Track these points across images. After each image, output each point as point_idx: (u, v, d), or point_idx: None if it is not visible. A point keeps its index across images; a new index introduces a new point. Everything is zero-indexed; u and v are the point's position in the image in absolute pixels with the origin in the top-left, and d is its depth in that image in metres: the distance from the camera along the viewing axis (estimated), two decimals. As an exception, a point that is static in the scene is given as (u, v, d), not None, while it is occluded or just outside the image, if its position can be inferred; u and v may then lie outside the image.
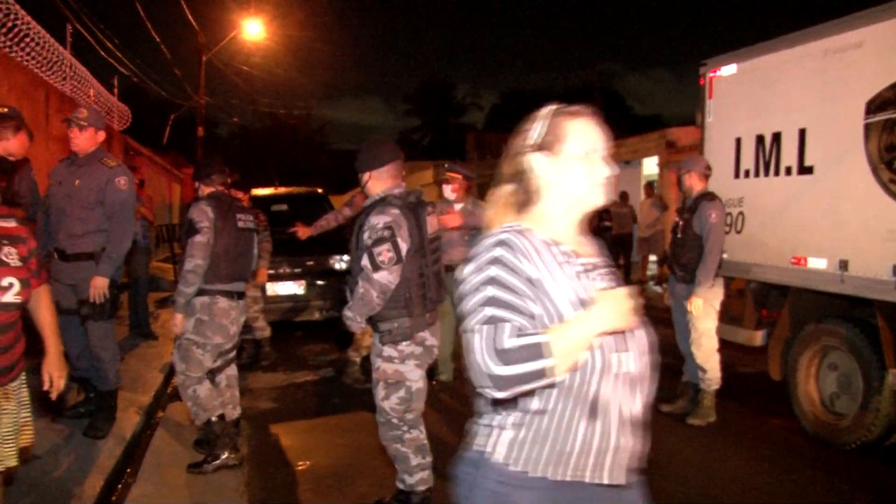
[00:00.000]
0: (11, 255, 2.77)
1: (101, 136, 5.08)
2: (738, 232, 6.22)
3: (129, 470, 4.76)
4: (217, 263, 4.66)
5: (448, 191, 6.79)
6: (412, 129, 61.80)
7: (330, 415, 6.10)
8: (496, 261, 1.72)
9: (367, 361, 4.90)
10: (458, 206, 6.73)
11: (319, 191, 11.29)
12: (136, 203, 5.35)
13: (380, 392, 3.92)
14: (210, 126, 36.01)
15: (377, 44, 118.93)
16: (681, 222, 5.79)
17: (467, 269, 1.77)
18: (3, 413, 2.81)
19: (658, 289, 14.16)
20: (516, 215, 1.92)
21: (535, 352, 1.57)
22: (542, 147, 1.91)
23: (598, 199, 1.94)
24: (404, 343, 3.82)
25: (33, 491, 3.96)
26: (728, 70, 6.51)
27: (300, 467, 4.92)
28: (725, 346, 6.00)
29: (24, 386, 2.95)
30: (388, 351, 3.83)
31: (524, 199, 1.93)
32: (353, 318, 3.78)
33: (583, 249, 1.94)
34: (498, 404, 1.79)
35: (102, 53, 15.10)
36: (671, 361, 6.68)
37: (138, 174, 7.67)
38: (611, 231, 15.19)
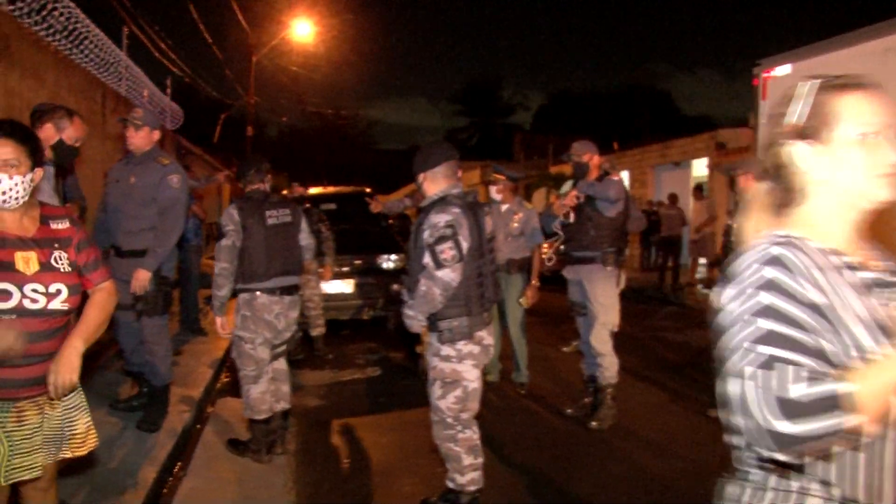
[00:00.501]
0: (62, 260, 2.71)
1: (156, 135, 5.20)
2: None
3: (179, 463, 4.83)
4: (250, 263, 4.78)
5: (493, 192, 6.80)
6: (459, 130, 61.92)
7: (376, 413, 6.13)
8: (770, 285, 1.40)
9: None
10: (504, 208, 6.74)
11: (367, 190, 11.34)
12: (189, 201, 5.45)
13: (436, 391, 3.93)
14: (259, 126, 36.42)
15: (422, 44, 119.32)
16: (734, 225, 5.67)
17: (726, 295, 1.48)
18: (46, 419, 2.74)
19: (708, 292, 13.96)
20: (775, 220, 1.60)
21: (832, 403, 1.25)
22: (804, 134, 1.55)
23: (883, 193, 1.51)
24: (462, 342, 3.83)
25: (88, 482, 4.05)
26: (782, 70, 6.40)
27: (346, 464, 4.96)
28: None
29: (78, 391, 2.86)
30: (447, 350, 3.84)
31: (784, 200, 1.60)
32: (415, 316, 3.81)
33: (869, 259, 1.58)
34: (772, 463, 1.50)
35: (157, 54, 15.38)
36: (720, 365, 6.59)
37: (191, 173, 7.79)
38: (659, 233, 15.06)
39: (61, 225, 2.78)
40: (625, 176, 21.47)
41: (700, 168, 18.53)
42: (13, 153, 2.59)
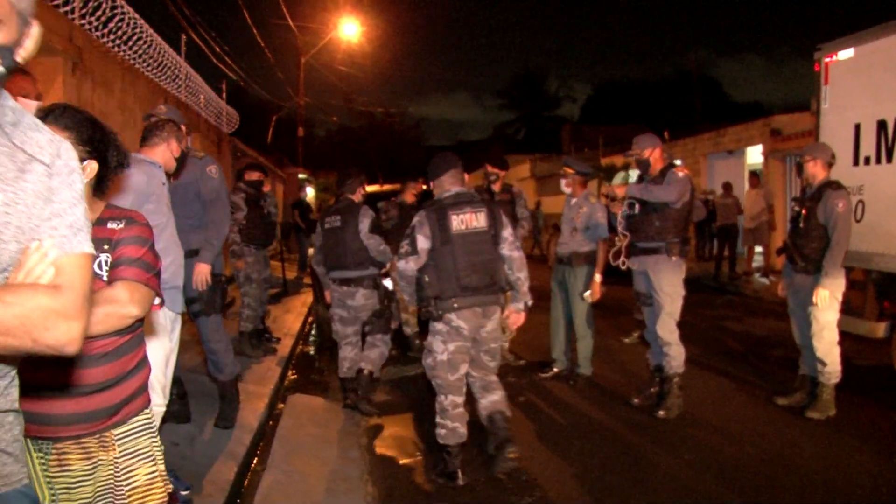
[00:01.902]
0: (106, 266, 2.29)
1: (183, 130, 5.01)
2: (858, 221, 6.04)
3: (256, 459, 4.98)
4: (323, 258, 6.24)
5: (563, 185, 6.84)
6: (506, 124, 61.84)
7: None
8: None
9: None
10: (572, 201, 6.78)
11: (423, 187, 11.42)
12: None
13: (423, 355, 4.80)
14: (310, 126, 36.85)
15: (468, 39, 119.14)
16: (802, 211, 5.61)
17: None
18: (99, 466, 2.28)
19: (765, 280, 13.81)
20: None
21: None
22: None
23: None
24: (435, 322, 4.57)
25: (170, 476, 4.19)
26: (845, 54, 6.33)
27: (416, 458, 5.04)
28: (844, 338, 5.81)
29: (146, 432, 2.42)
30: (431, 325, 4.64)
31: None
32: (401, 296, 5.27)
33: None
34: None
35: (214, 60, 15.70)
36: (785, 353, 6.56)
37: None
38: (715, 222, 14.90)
39: (118, 225, 2.34)
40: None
41: (755, 155, 18.25)
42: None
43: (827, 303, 5.40)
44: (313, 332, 9.86)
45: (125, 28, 7.76)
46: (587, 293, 6.61)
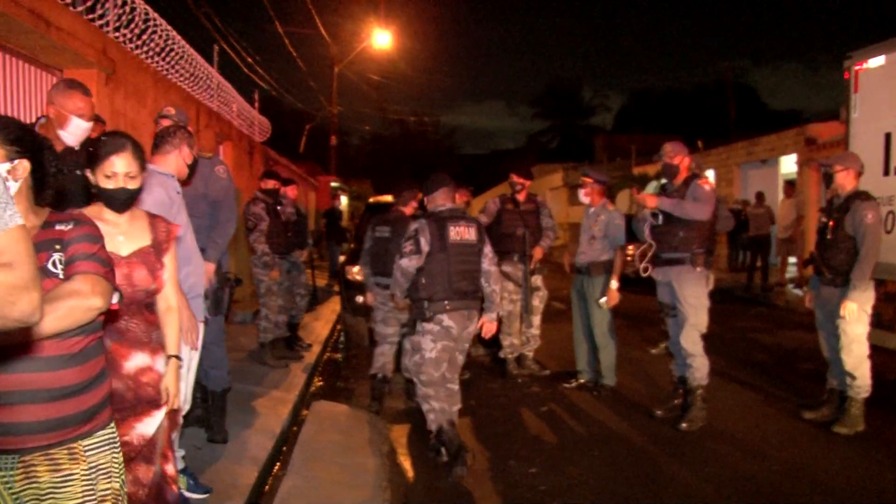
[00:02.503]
0: (61, 265, 2.19)
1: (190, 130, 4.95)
2: (888, 232, 5.97)
3: (278, 464, 5.03)
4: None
5: (581, 194, 6.84)
6: (540, 133, 61.75)
7: (465, 416, 6.21)
8: None
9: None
10: (590, 210, 6.79)
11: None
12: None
13: (406, 354, 5.38)
14: (342, 134, 37.11)
15: (501, 48, 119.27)
16: (830, 222, 5.54)
17: None
18: (70, 480, 2.16)
19: (798, 292, 13.63)
20: None
21: None
22: None
23: None
24: (426, 322, 4.98)
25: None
26: (876, 62, 6.26)
27: (437, 467, 5.05)
28: (875, 352, 5.71)
29: (109, 447, 2.31)
30: (419, 326, 5.08)
31: None
32: (393, 292, 5.31)
33: None
34: None
35: (245, 70, 15.90)
36: (815, 367, 6.48)
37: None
38: (747, 232, 14.75)
39: (67, 227, 2.26)
40: (710, 175, 21.08)
41: (788, 165, 18.03)
42: None
43: (855, 316, 5.33)
44: (341, 339, 9.92)
45: (158, 40, 7.91)
46: (603, 300, 6.59)
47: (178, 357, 3.03)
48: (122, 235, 2.91)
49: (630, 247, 6.28)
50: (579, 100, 60.20)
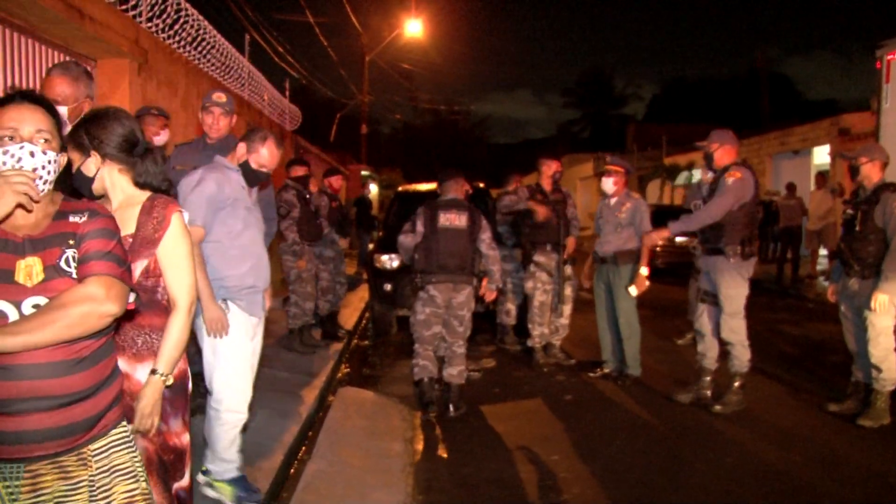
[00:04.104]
0: (75, 262, 2.04)
1: (234, 119, 4.91)
2: (918, 224, 5.87)
3: (304, 448, 5.12)
4: None
5: (609, 184, 6.84)
6: (571, 122, 61.42)
7: (490, 403, 6.28)
8: None
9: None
10: (612, 201, 6.81)
11: (481, 185, 11.43)
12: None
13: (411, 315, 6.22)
14: (373, 123, 37.24)
15: (533, 37, 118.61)
16: (858, 214, 5.51)
17: None
18: (80, 487, 2.05)
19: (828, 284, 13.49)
20: None
21: None
22: None
23: None
24: (419, 290, 5.98)
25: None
26: (908, 52, 6.17)
27: (462, 453, 5.12)
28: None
29: (125, 447, 2.19)
30: (418, 294, 6.02)
31: None
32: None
33: None
34: None
35: (276, 59, 16.02)
36: (842, 359, 6.44)
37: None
38: (778, 224, 14.61)
39: (81, 218, 2.10)
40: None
41: (821, 156, 17.81)
42: (46, 123, 2.05)
43: (886, 308, 5.30)
44: (369, 327, 10.01)
45: (189, 29, 8.01)
46: (632, 287, 6.59)
47: (161, 374, 2.57)
48: None
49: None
50: (611, 89, 59.82)
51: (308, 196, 7.80)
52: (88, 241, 2.06)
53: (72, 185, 2.61)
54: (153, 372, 2.57)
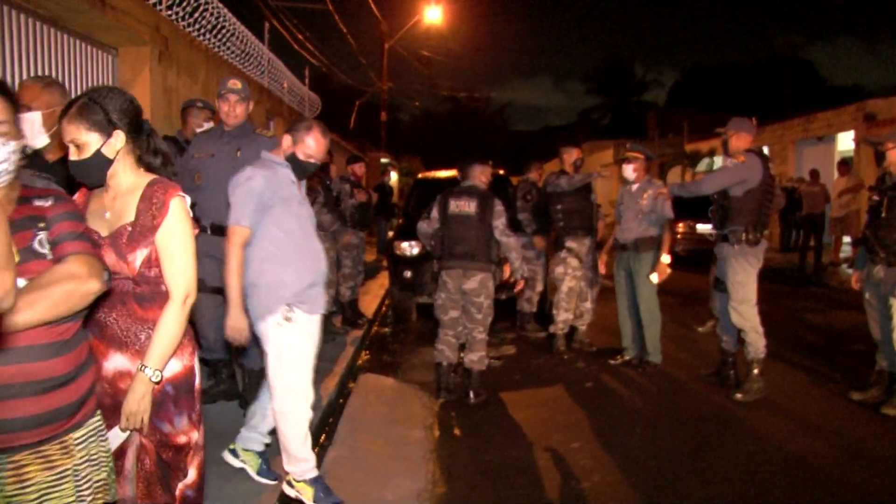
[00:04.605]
0: (47, 245, 2.03)
1: (251, 106, 4.94)
2: (944, 210, 5.79)
3: (324, 435, 5.14)
4: None
5: (629, 171, 6.80)
6: (592, 109, 61.08)
7: (511, 390, 6.28)
8: None
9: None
10: (634, 187, 6.78)
11: (501, 172, 11.39)
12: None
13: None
14: (393, 111, 37.22)
15: (551, 24, 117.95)
16: (885, 200, 5.43)
17: None
18: (65, 477, 2.03)
19: (851, 272, 13.36)
20: None
21: None
22: None
23: None
24: (438, 276, 6.08)
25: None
26: (937, 35, 6.05)
27: (481, 440, 5.13)
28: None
29: (99, 436, 2.19)
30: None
31: None
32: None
33: None
34: None
35: (296, 47, 16.03)
36: (866, 348, 6.38)
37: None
38: (800, 211, 14.47)
39: (47, 202, 2.09)
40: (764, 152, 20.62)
41: (846, 142, 17.59)
42: (3, 112, 1.92)
43: None
44: (389, 314, 10.03)
45: (209, 17, 8.03)
46: (653, 275, 6.57)
47: (149, 370, 2.43)
48: (110, 212, 2.53)
49: (680, 223, 6.36)
50: (632, 76, 59.31)
51: (328, 183, 7.82)
52: (59, 224, 2.05)
53: (67, 174, 2.52)
54: (141, 368, 2.43)
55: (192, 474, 2.70)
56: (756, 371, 5.84)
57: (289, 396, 3.65)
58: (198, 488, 2.75)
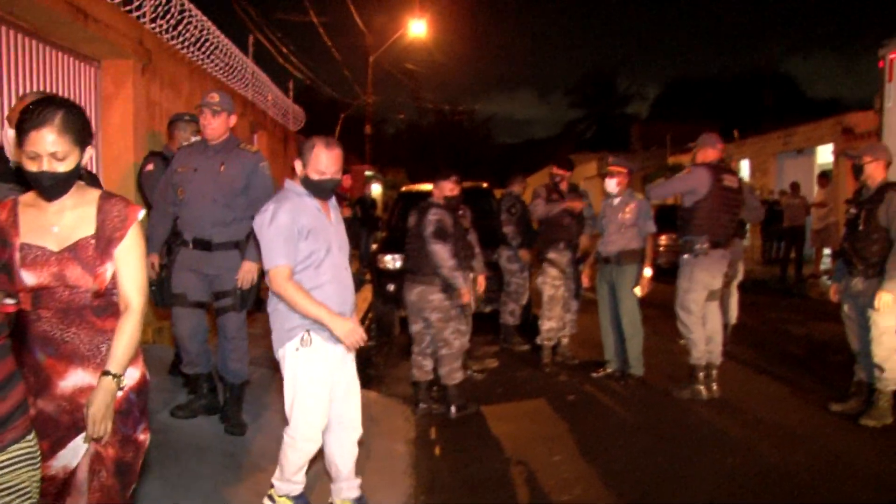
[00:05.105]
0: None
1: (233, 120, 4.85)
2: (921, 224, 5.87)
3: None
4: None
5: (612, 184, 6.85)
6: (576, 121, 61.36)
7: (493, 403, 6.28)
8: None
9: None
10: (616, 201, 6.83)
11: (484, 185, 11.42)
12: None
13: None
14: (378, 123, 37.25)
15: (534, 37, 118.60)
16: (862, 213, 5.50)
17: None
18: None
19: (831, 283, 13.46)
20: None
21: None
22: None
23: None
24: None
25: (228, 460, 4.39)
26: (911, 51, 6.17)
27: (463, 453, 5.13)
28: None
29: (28, 464, 2.06)
30: None
31: None
32: None
33: None
34: None
35: (280, 60, 16.04)
36: (846, 359, 6.44)
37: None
38: (782, 223, 14.61)
39: None
40: (745, 165, 20.85)
41: (825, 155, 17.79)
42: None
43: (890, 307, 5.30)
44: (372, 327, 10.02)
45: (193, 30, 8.04)
46: (637, 287, 6.62)
47: (114, 375, 2.40)
48: (58, 226, 2.43)
49: (662, 236, 6.47)
50: (615, 88, 59.70)
51: None
52: None
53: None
54: (105, 373, 2.39)
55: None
56: (698, 376, 6.17)
57: (300, 423, 3.59)
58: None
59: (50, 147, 2.30)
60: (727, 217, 6.07)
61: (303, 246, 3.44)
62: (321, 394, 3.59)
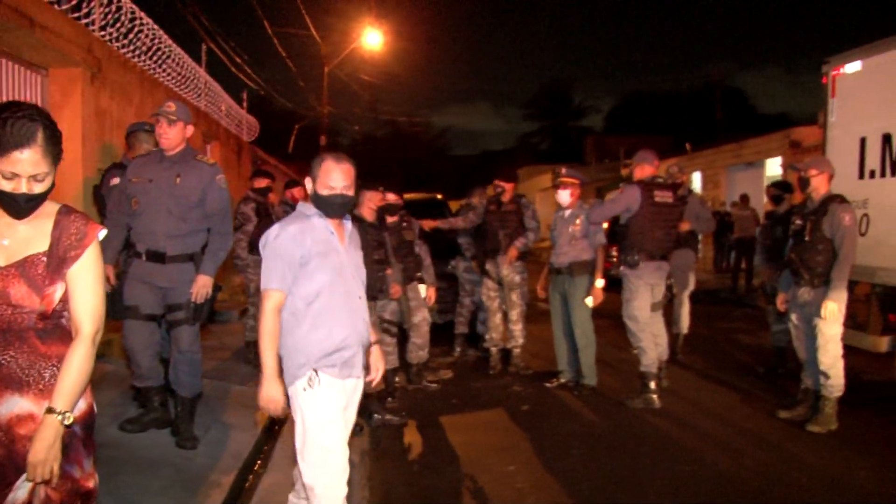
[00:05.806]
0: None
1: (190, 130, 4.77)
2: (863, 234, 6.05)
3: (259, 461, 5.06)
4: None
5: (566, 195, 6.91)
6: (530, 134, 61.87)
7: (448, 414, 6.28)
8: None
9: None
10: (567, 213, 6.90)
11: (439, 196, 11.44)
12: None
13: None
14: (333, 135, 37.11)
15: (490, 50, 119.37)
16: (808, 224, 5.63)
17: None
18: None
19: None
20: None
21: None
22: None
23: None
24: None
25: (178, 474, 4.31)
26: (852, 67, 6.34)
27: (419, 464, 5.12)
28: (848, 352, 5.79)
29: None
30: None
31: None
32: None
33: None
34: None
35: (233, 70, 15.91)
36: (795, 367, 6.57)
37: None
38: (732, 234, 14.88)
39: None
40: (697, 177, 21.21)
41: (773, 167, 18.21)
42: None
43: (836, 315, 5.41)
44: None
45: (144, 39, 7.95)
46: (588, 299, 6.68)
47: (59, 413, 2.17)
48: (8, 239, 2.25)
49: (614, 248, 6.58)
50: (570, 101, 60.41)
51: (269, 208, 7.77)
52: None
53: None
54: (49, 410, 2.16)
55: None
56: (650, 383, 6.32)
57: (317, 472, 3.18)
58: None
59: (32, 169, 2.15)
60: (661, 232, 6.30)
61: (309, 271, 3.21)
62: (336, 435, 3.25)
